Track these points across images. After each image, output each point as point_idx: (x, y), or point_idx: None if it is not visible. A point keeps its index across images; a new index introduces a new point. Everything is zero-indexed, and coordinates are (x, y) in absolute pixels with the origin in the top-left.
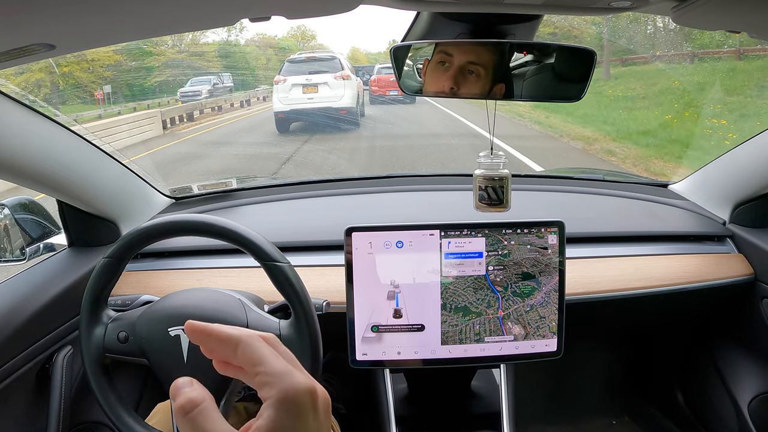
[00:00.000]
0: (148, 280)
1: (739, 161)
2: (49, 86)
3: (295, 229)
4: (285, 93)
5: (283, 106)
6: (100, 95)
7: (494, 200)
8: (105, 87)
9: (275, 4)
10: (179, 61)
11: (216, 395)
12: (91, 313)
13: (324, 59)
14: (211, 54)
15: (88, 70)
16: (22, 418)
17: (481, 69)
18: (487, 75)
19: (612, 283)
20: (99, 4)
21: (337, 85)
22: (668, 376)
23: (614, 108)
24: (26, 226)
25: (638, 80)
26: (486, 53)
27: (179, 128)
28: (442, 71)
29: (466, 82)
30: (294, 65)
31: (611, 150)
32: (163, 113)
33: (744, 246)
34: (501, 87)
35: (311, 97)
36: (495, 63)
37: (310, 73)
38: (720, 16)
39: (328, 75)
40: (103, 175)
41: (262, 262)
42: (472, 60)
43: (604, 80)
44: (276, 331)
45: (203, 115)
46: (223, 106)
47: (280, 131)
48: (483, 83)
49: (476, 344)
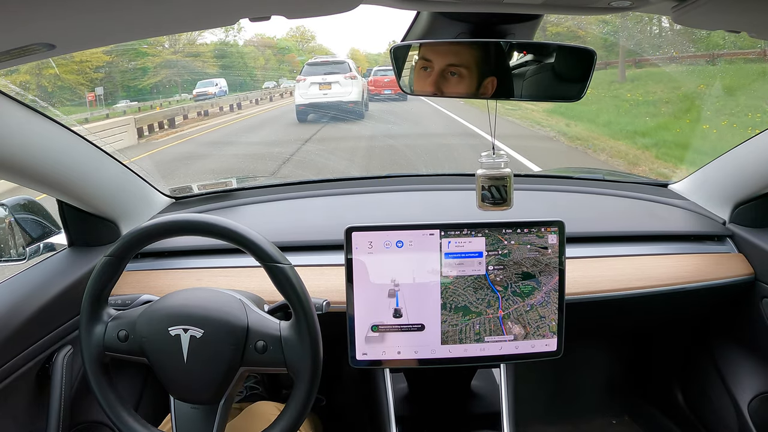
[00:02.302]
0: (148, 279)
1: (740, 161)
2: (35, 89)
3: (295, 229)
4: (305, 89)
5: (303, 100)
6: (92, 97)
7: (497, 199)
8: (97, 89)
9: (275, 4)
10: (174, 61)
11: (216, 395)
12: (92, 312)
13: (336, 62)
14: (209, 54)
15: (77, 72)
16: (22, 418)
17: (463, 69)
18: (471, 74)
19: (612, 283)
20: (99, 4)
21: (346, 83)
22: (668, 375)
23: (636, 114)
24: (26, 226)
25: (657, 83)
26: (466, 53)
27: (156, 137)
28: (426, 76)
29: (448, 83)
30: (312, 67)
31: (664, 174)
32: (137, 120)
33: (744, 246)
34: (491, 81)
35: (326, 93)
36: (479, 61)
37: (325, 73)
38: (720, 15)
39: (339, 75)
40: (103, 175)
41: (263, 263)
42: (452, 62)
43: (620, 83)
44: (276, 332)
45: (187, 121)
46: (210, 110)
47: (299, 120)
48: (468, 83)
49: (476, 344)
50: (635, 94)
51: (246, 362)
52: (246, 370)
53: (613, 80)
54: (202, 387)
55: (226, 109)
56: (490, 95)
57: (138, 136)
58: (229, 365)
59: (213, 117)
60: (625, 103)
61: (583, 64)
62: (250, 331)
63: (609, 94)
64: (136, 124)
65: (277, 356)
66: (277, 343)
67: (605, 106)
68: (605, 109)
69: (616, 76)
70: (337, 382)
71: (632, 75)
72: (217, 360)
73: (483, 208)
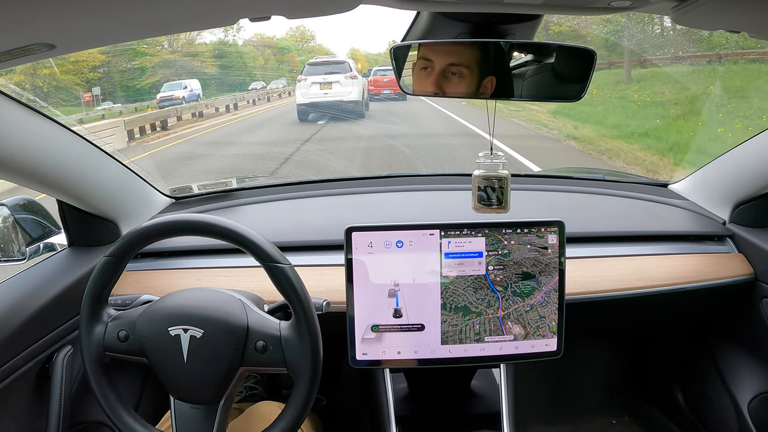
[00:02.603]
0: (148, 279)
1: (740, 161)
2: (30, 89)
3: (295, 229)
4: (306, 89)
5: (305, 100)
6: (89, 97)
7: (493, 201)
8: (94, 89)
9: (275, 4)
10: (173, 61)
11: (216, 395)
12: (92, 312)
13: (337, 62)
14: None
15: (73, 72)
16: (22, 418)
17: (464, 69)
18: (471, 74)
19: (612, 282)
20: (99, 4)
21: (347, 83)
22: (668, 376)
23: (645, 116)
24: (26, 226)
25: (664, 84)
26: (466, 53)
27: (148, 139)
28: (426, 75)
29: (449, 83)
30: (313, 67)
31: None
32: (127, 122)
33: (744, 246)
34: (491, 80)
35: (326, 92)
36: (479, 61)
37: (325, 73)
38: (720, 15)
39: (340, 75)
40: (103, 175)
41: (263, 263)
42: (453, 62)
43: (626, 83)
44: (276, 332)
45: (180, 123)
46: (204, 111)
47: (300, 120)
48: (468, 82)
49: (476, 344)
50: (642, 95)
51: (246, 362)
52: (246, 370)
53: (619, 81)
54: (202, 387)
55: (222, 110)
56: (489, 95)
57: (128, 139)
58: (229, 365)
59: (209, 118)
60: (633, 105)
61: (583, 64)
62: (250, 331)
63: (615, 95)
64: (126, 127)
65: (277, 356)
66: (277, 343)
67: (612, 107)
68: (612, 111)
69: (621, 76)
70: (337, 382)
71: (638, 75)
72: (217, 360)
73: (479, 209)
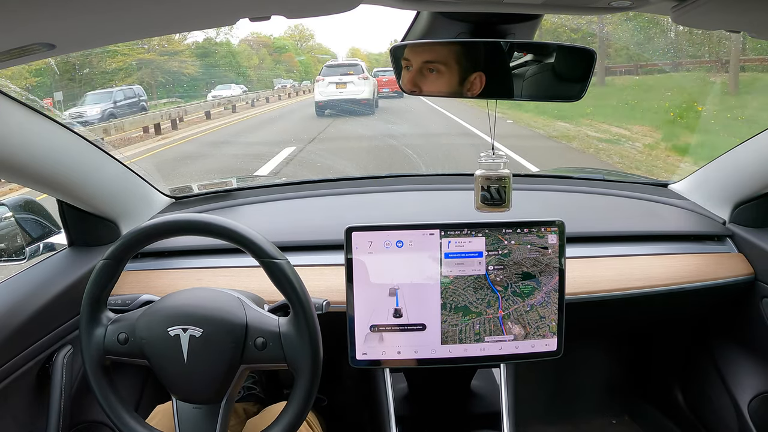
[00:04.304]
0: (148, 279)
1: (740, 161)
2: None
3: (295, 229)
4: (323, 88)
5: (322, 98)
6: (49, 103)
7: (496, 200)
8: (56, 94)
9: (275, 4)
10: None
11: (217, 394)
12: (91, 316)
13: (351, 65)
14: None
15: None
16: (22, 418)
17: (441, 66)
18: (450, 71)
19: (612, 283)
20: (99, 4)
21: (360, 83)
22: (668, 376)
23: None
24: (26, 226)
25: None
26: (443, 49)
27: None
28: (406, 74)
29: (427, 80)
30: (330, 69)
31: None
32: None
33: (744, 246)
34: (479, 77)
35: (342, 91)
36: (459, 57)
37: (341, 74)
38: (720, 15)
39: (354, 76)
40: (103, 175)
41: (260, 260)
42: (428, 59)
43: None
44: (275, 329)
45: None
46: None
47: (318, 115)
48: (447, 79)
49: (476, 344)
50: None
51: (246, 360)
52: (246, 367)
53: (725, 92)
54: (203, 386)
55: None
56: (477, 93)
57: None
58: (230, 363)
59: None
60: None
61: (584, 63)
62: (248, 328)
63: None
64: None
65: (276, 352)
66: (276, 339)
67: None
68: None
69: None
70: (338, 382)
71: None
72: (218, 358)
73: (481, 209)
